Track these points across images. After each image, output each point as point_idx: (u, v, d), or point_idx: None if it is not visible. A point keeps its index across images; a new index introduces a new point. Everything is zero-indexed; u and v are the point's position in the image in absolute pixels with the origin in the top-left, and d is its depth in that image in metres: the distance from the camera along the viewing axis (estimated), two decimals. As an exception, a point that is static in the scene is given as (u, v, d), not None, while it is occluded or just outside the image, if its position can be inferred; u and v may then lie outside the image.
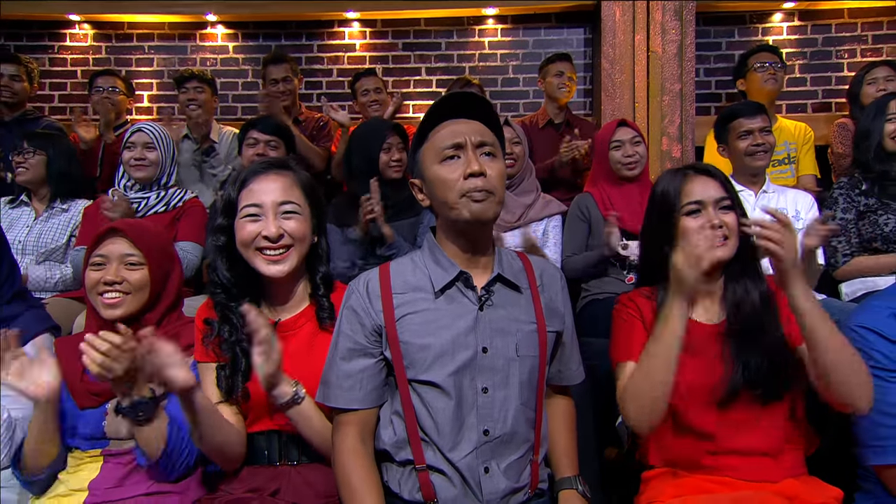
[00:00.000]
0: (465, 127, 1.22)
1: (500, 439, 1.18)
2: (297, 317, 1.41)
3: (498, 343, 1.21)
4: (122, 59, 4.01)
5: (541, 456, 1.26)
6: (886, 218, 2.22)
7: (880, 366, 1.30)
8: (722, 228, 1.35)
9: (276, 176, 1.38)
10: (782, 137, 3.09)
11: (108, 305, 1.44)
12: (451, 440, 1.17)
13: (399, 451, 1.21)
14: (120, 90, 3.33)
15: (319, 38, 4.03)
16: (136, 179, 2.44)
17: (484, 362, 1.19)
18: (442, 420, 1.17)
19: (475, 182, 1.17)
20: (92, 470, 1.40)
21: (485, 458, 1.17)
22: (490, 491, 1.16)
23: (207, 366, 1.37)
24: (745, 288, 1.37)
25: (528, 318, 1.25)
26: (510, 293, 1.26)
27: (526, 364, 1.22)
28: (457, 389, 1.17)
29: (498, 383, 1.19)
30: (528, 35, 3.95)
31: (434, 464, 1.18)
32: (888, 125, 2.28)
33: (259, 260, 1.34)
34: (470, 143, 1.20)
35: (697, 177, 1.41)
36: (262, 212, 1.34)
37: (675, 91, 3.30)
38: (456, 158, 1.20)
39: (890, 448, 1.26)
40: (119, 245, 1.47)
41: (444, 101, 1.25)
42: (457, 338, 1.19)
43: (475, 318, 1.21)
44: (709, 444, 1.33)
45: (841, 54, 3.81)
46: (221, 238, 1.36)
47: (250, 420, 1.37)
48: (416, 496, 1.19)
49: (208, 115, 3.26)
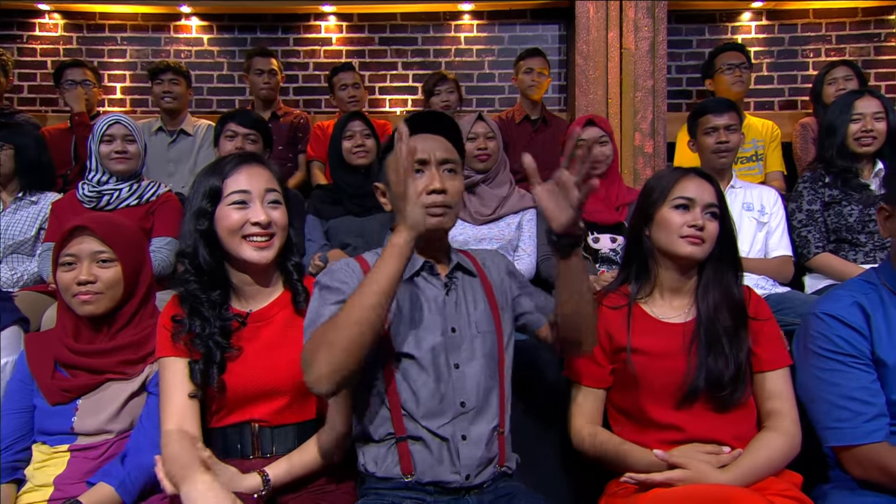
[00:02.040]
0: (431, 143, 1.29)
1: (475, 410, 1.27)
2: (270, 306, 1.40)
3: (463, 322, 1.31)
4: (93, 49, 3.92)
5: (507, 429, 1.32)
6: (850, 209, 2.27)
7: (842, 351, 1.33)
8: (703, 231, 1.38)
9: (259, 167, 1.40)
10: (750, 135, 3.15)
11: (84, 302, 1.41)
12: (432, 411, 1.24)
13: (378, 428, 1.27)
14: (91, 82, 3.25)
15: (295, 31, 3.99)
16: (116, 173, 2.38)
17: (454, 341, 1.29)
18: (424, 394, 1.25)
19: (435, 198, 1.25)
20: (59, 465, 1.38)
21: (462, 428, 1.25)
22: (467, 457, 1.24)
23: (174, 360, 1.33)
24: (720, 293, 1.40)
25: (483, 298, 1.36)
26: (468, 279, 1.37)
27: (487, 339, 1.32)
28: (434, 367, 1.26)
29: (466, 359, 1.29)
30: (503, 31, 3.96)
31: (414, 433, 1.24)
32: (852, 125, 2.32)
33: (245, 246, 1.34)
34: (434, 159, 1.28)
35: (696, 178, 1.44)
36: (249, 198, 1.34)
37: (648, 87, 3.34)
38: (420, 173, 1.27)
39: (847, 430, 1.30)
40: (89, 243, 1.43)
41: (417, 117, 1.31)
42: (429, 320, 1.29)
43: (443, 302, 1.32)
44: (670, 435, 1.37)
45: (806, 53, 3.89)
46: (204, 222, 1.34)
47: (223, 414, 1.35)
48: (392, 471, 1.24)
49: (182, 107, 3.22)
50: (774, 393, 1.38)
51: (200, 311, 1.34)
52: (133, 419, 1.42)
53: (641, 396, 1.39)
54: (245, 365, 1.34)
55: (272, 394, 1.33)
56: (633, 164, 3.33)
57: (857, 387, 1.31)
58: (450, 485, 1.23)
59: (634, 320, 1.44)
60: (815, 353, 1.36)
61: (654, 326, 1.43)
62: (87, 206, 2.34)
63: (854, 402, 1.30)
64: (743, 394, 1.36)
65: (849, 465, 1.33)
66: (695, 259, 1.40)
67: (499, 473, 1.29)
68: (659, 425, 1.38)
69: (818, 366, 1.36)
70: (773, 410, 1.37)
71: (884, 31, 3.86)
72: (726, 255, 1.42)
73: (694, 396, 1.35)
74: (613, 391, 1.46)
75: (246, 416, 1.34)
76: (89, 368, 1.43)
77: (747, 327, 1.39)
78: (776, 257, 2.30)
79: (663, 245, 1.43)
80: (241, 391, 1.32)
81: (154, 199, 2.43)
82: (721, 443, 1.34)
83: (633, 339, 1.42)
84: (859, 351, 1.32)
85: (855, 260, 2.25)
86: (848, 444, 1.30)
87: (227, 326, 1.34)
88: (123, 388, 1.43)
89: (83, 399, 1.41)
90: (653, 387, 1.38)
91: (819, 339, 1.36)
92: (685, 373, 1.36)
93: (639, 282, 1.48)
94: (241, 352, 1.34)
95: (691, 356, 1.37)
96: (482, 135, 2.53)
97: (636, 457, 1.34)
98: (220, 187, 1.35)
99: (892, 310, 1.34)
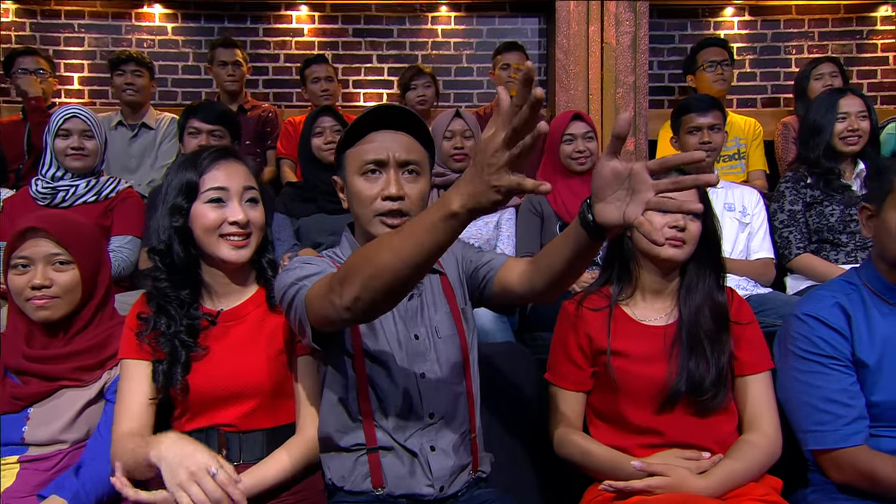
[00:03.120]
0: (392, 143, 1.24)
1: (444, 420, 1.25)
2: (242, 305, 1.39)
3: (425, 329, 1.28)
4: (48, 37, 3.84)
5: (478, 431, 1.31)
6: (832, 209, 2.32)
7: (823, 353, 1.36)
8: (683, 233, 1.39)
9: (237, 163, 1.38)
10: (732, 133, 3.20)
11: (39, 307, 1.38)
12: (400, 423, 1.23)
13: (345, 435, 1.24)
14: (45, 71, 3.18)
15: (265, 21, 3.95)
16: (71, 170, 2.33)
17: (417, 349, 1.26)
18: (391, 406, 1.23)
19: (390, 205, 1.22)
20: (7, 478, 1.34)
21: (430, 439, 1.23)
22: (439, 468, 1.22)
23: (136, 363, 1.32)
24: (702, 296, 1.42)
25: (443, 299, 1.32)
26: (433, 279, 1.33)
27: (449, 343, 1.29)
28: (400, 377, 1.24)
29: (431, 367, 1.26)
30: (481, 24, 3.97)
31: (385, 443, 1.22)
32: (838, 124, 2.36)
33: (222, 245, 1.33)
34: (393, 160, 1.23)
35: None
36: (227, 196, 1.34)
37: (629, 83, 3.38)
38: (378, 174, 1.24)
39: (829, 433, 1.32)
40: (43, 245, 1.40)
41: (378, 110, 1.25)
42: (392, 329, 1.26)
43: (405, 308, 1.29)
44: (650, 439, 1.38)
45: (789, 50, 3.97)
46: (180, 219, 1.33)
47: (188, 418, 1.33)
48: (362, 485, 1.22)
49: (145, 100, 3.17)
50: (756, 397, 1.39)
51: (168, 310, 1.32)
52: (89, 428, 1.39)
53: (621, 400, 1.40)
54: (212, 365, 1.32)
55: (240, 396, 1.32)
56: (614, 162, 3.35)
57: (837, 389, 1.34)
58: (424, 498, 1.21)
59: (615, 322, 1.45)
60: (796, 354, 1.39)
61: (635, 329, 1.44)
62: (40, 203, 2.30)
63: (834, 405, 1.33)
64: (724, 398, 1.38)
65: (828, 469, 1.35)
66: (676, 262, 1.42)
67: (473, 480, 1.29)
68: (638, 429, 1.39)
69: (798, 367, 1.38)
70: (755, 415, 1.39)
71: (866, 28, 3.95)
72: (709, 256, 1.44)
73: (674, 401, 1.37)
74: (593, 395, 1.47)
75: (212, 420, 1.32)
76: (42, 375, 1.40)
77: (729, 331, 1.41)
78: (758, 259, 2.34)
79: (643, 247, 1.44)
80: (207, 393, 1.31)
81: (113, 196, 2.39)
82: (702, 447, 1.35)
83: (613, 341, 1.42)
84: (840, 352, 1.35)
85: (836, 260, 2.30)
86: (828, 447, 1.33)
87: (195, 325, 1.33)
88: (79, 396, 1.40)
89: (35, 407, 1.38)
90: (633, 390, 1.39)
91: (800, 340, 1.38)
92: (666, 377, 1.37)
93: (620, 283, 1.49)
94: (207, 351, 1.33)
95: (672, 360, 1.38)
96: (459, 133, 2.54)
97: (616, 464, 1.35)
98: (197, 183, 1.33)
99: (873, 310, 1.37)
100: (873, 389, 1.34)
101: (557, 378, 1.48)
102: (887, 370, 1.33)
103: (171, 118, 3.17)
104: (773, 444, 1.36)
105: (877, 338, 1.35)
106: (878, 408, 1.34)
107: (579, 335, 1.45)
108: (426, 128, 1.30)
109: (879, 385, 1.34)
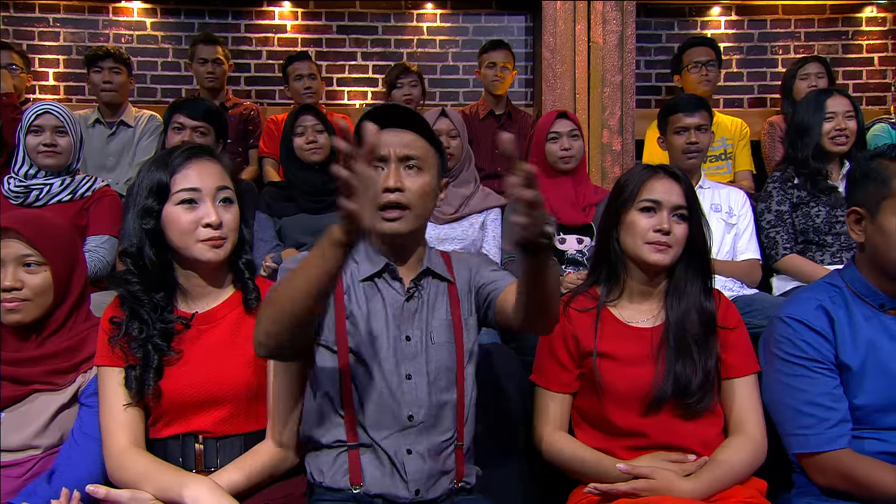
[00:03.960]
0: (393, 139, 1.26)
1: (424, 424, 1.26)
2: (218, 308, 1.38)
3: (419, 332, 1.29)
4: (21, 31, 3.78)
5: (466, 444, 1.31)
6: (818, 210, 2.35)
7: (807, 356, 1.37)
8: (668, 236, 1.40)
9: (210, 161, 1.37)
10: (719, 133, 3.22)
11: (9, 310, 1.35)
12: (375, 421, 1.24)
13: (327, 432, 1.26)
14: (18, 67, 3.13)
15: (247, 17, 3.93)
16: (44, 167, 2.30)
17: (408, 350, 1.28)
18: (367, 400, 1.25)
19: (389, 197, 1.23)
20: (-23, 484, 1.32)
21: (408, 442, 1.24)
22: (414, 471, 1.23)
23: (112, 370, 1.31)
24: (690, 299, 1.42)
25: (446, 306, 1.33)
26: (439, 285, 1.35)
27: (442, 350, 1.30)
28: (384, 375, 1.25)
29: (419, 370, 1.27)
30: (467, 21, 3.98)
31: (365, 441, 1.24)
32: (826, 124, 2.39)
33: (199, 247, 1.31)
34: (394, 155, 1.25)
35: (664, 178, 1.45)
36: (199, 197, 1.32)
37: (616, 83, 3.39)
38: (381, 170, 1.25)
39: (812, 437, 1.34)
40: (14, 246, 1.37)
41: (378, 110, 1.28)
42: (383, 327, 1.27)
43: (401, 308, 1.29)
44: (635, 441, 1.39)
45: (776, 50, 4.02)
46: (150, 221, 1.31)
47: (162, 424, 1.32)
48: (340, 482, 1.24)
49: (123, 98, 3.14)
50: (741, 400, 1.41)
51: (140, 314, 1.31)
52: (63, 433, 1.37)
53: (606, 402, 1.41)
54: (186, 370, 1.31)
55: (216, 401, 1.31)
56: (600, 162, 3.37)
57: (821, 392, 1.35)
58: (399, 499, 1.23)
59: (602, 324, 1.45)
60: (780, 357, 1.40)
61: (622, 331, 1.45)
62: (13, 202, 2.26)
63: (818, 409, 1.34)
64: (711, 401, 1.39)
65: (812, 472, 1.36)
66: (661, 266, 1.43)
67: (455, 488, 1.29)
68: (624, 431, 1.39)
69: (783, 371, 1.39)
70: (740, 417, 1.40)
71: (851, 28, 4.01)
72: (696, 258, 1.44)
73: (661, 403, 1.38)
74: (579, 397, 1.48)
75: (188, 426, 1.31)
76: (14, 379, 1.37)
77: (717, 334, 1.42)
78: (744, 260, 2.36)
79: (630, 250, 1.45)
80: (182, 398, 1.29)
81: (89, 195, 2.36)
82: (687, 449, 1.36)
83: (600, 343, 1.43)
84: (823, 356, 1.36)
85: (822, 261, 2.32)
86: (811, 451, 1.34)
87: (169, 329, 1.32)
88: (52, 400, 1.37)
89: (6, 412, 1.35)
90: (618, 392, 1.40)
91: (784, 343, 1.40)
92: (652, 379, 1.38)
93: (608, 285, 1.50)
94: (181, 356, 1.32)
95: (659, 362, 1.39)
96: (445, 132, 2.54)
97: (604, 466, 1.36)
98: (168, 183, 1.31)
99: (857, 313, 1.38)
100: (857, 392, 1.35)
101: (543, 380, 1.48)
102: (870, 373, 1.35)
103: (151, 115, 3.14)
104: (759, 447, 1.37)
105: (860, 341, 1.36)
106: (862, 411, 1.35)
107: (566, 336, 1.46)
108: (427, 126, 1.31)
109: (863, 388, 1.35)
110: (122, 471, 1.25)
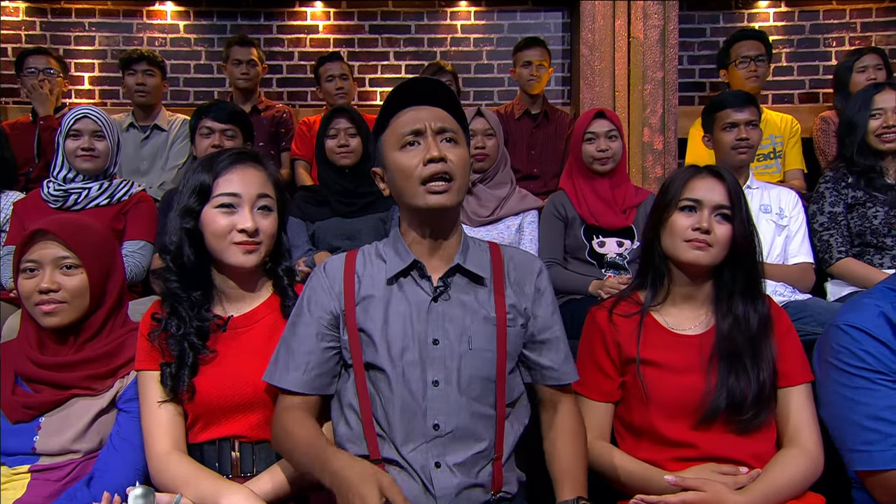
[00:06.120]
0: (425, 113, 1.25)
1: (452, 435, 1.20)
2: (254, 311, 1.41)
3: (450, 335, 1.23)
4: (58, 36, 3.91)
5: (506, 456, 1.26)
6: (875, 210, 2.28)
7: (870, 367, 1.31)
8: (708, 235, 1.38)
9: (254, 168, 1.40)
10: (768, 130, 3.15)
11: (46, 314, 1.40)
12: (402, 433, 1.20)
13: (353, 445, 1.23)
14: (55, 71, 3.23)
15: (279, 18, 3.99)
16: (82, 171, 2.37)
17: (434, 354, 1.22)
18: (392, 411, 1.21)
19: (434, 167, 1.21)
20: (18, 489, 1.35)
21: (436, 454, 1.19)
22: (442, 486, 1.17)
23: (152, 374, 1.35)
24: (742, 305, 1.40)
25: (487, 311, 1.27)
26: (470, 285, 1.29)
27: (480, 358, 1.23)
28: (406, 381, 1.21)
29: (449, 377, 1.22)
30: (502, 19, 3.97)
31: (390, 456, 1.21)
32: (872, 121, 2.33)
33: (232, 250, 1.35)
34: (430, 128, 1.24)
35: (707, 177, 1.43)
36: (238, 202, 1.36)
37: (658, 79, 3.35)
38: (416, 145, 1.24)
39: (876, 454, 1.28)
40: (51, 248, 1.41)
41: (403, 87, 1.28)
42: (407, 328, 1.23)
43: (427, 309, 1.25)
44: (684, 452, 1.37)
45: (829, 42, 3.91)
46: (190, 221, 1.36)
47: (199, 428, 1.35)
48: None
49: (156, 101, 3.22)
50: (796, 410, 1.38)
51: (178, 311, 1.35)
52: (102, 438, 1.41)
53: (652, 412, 1.39)
54: (220, 370, 1.34)
55: (250, 404, 1.34)
56: (641, 163, 3.33)
57: (884, 406, 1.29)
58: None
59: (646, 331, 1.44)
60: (839, 368, 1.35)
61: (667, 338, 1.43)
62: (52, 206, 2.33)
63: (882, 423, 1.29)
64: (766, 417, 1.36)
65: (876, 491, 1.32)
66: (700, 265, 1.40)
67: (493, 500, 1.23)
68: (671, 442, 1.37)
69: (842, 382, 1.35)
70: (795, 429, 1.37)
71: (912, 18, 3.88)
72: (745, 261, 1.41)
73: (713, 417, 1.35)
74: (621, 406, 1.46)
75: (224, 431, 1.34)
76: (54, 383, 1.42)
77: (771, 343, 1.39)
78: (796, 263, 2.31)
79: (669, 250, 1.43)
80: (216, 399, 1.32)
81: (126, 199, 2.43)
82: (739, 462, 1.34)
83: (643, 350, 1.41)
84: (887, 366, 1.31)
85: (881, 265, 2.26)
86: (875, 468, 1.29)
87: (205, 328, 1.35)
88: (91, 405, 1.41)
89: (47, 416, 1.40)
90: (665, 402, 1.38)
91: (843, 353, 1.35)
92: (703, 391, 1.35)
93: (652, 289, 1.48)
94: (216, 355, 1.35)
95: (710, 374, 1.37)
96: (480, 132, 2.54)
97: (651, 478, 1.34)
98: (210, 186, 1.36)
99: (921, 320, 1.34)
100: (922, 406, 1.31)
101: (584, 388, 1.47)
102: (938, 384, 1.30)
103: (184, 119, 3.20)
104: (815, 460, 1.34)
105: (925, 350, 1.31)
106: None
107: (608, 343, 1.44)
108: (457, 100, 1.31)
109: (929, 401, 1.30)
110: (164, 473, 1.28)
